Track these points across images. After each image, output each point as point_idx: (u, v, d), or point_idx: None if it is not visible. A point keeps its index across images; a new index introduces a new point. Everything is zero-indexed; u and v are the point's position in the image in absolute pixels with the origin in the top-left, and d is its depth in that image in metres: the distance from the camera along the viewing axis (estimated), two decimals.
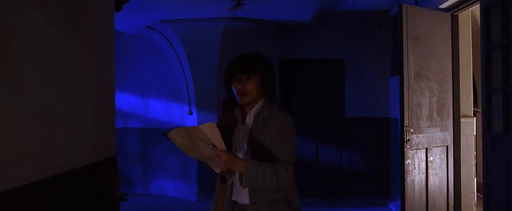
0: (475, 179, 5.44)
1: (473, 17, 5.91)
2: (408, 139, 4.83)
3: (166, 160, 7.95)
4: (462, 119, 5.37)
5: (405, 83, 4.81)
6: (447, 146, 5.29)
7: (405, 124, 4.82)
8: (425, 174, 5.04)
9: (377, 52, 7.55)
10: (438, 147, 5.18)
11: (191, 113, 7.40)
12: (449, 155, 5.31)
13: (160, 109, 8.02)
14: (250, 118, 2.53)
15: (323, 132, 7.68)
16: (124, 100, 8.20)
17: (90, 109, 2.09)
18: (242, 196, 2.47)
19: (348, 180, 7.59)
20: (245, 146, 2.49)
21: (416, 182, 4.94)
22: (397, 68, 5.76)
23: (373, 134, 7.45)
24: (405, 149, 4.81)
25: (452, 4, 5.22)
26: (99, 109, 2.21)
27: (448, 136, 5.31)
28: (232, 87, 2.53)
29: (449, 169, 5.30)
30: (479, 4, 4.39)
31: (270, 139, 2.44)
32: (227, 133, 2.56)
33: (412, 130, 4.86)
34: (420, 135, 4.95)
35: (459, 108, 5.36)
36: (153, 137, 8.02)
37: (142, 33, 7.48)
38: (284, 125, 2.47)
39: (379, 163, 7.41)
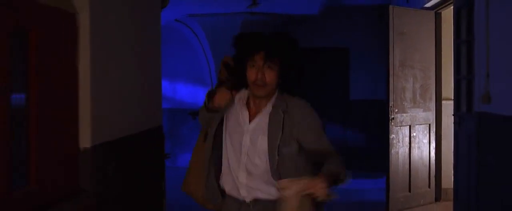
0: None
1: None
2: (393, 117, 5.81)
3: (192, 137, 9.06)
4: (443, 102, 6.32)
5: (391, 72, 5.78)
6: (429, 124, 6.26)
7: (390, 105, 5.80)
8: (408, 147, 6.03)
9: (378, 42, 8.49)
10: (421, 125, 6.16)
11: None
12: (431, 132, 6.28)
13: (185, 92, 9.13)
14: (266, 111, 2.24)
15: (330, 113, 8.70)
16: None
17: (148, 88, 3.17)
18: (265, 190, 2.22)
19: (352, 155, 8.59)
20: (263, 142, 2.21)
21: (400, 153, 5.93)
22: None
23: (373, 114, 8.42)
24: (390, 126, 5.80)
25: (436, 3, 6.13)
26: (152, 90, 3.29)
27: (431, 116, 6.27)
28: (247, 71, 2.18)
29: (431, 144, 6.27)
30: None
31: (299, 134, 2.20)
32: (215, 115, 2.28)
33: (396, 110, 5.85)
34: (404, 115, 5.93)
35: (441, 92, 6.30)
36: (180, 117, 9.15)
37: (171, 25, 8.55)
38: (311, 117, 2.27)
39: (379, 140, 8.40)
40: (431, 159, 6.26)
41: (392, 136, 5.85)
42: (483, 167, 4.45)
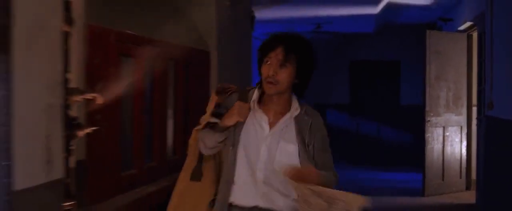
0: None
1: None
2: (429, 120, 7.26)
3: None
4: (474, 108, 7.66)
5: (427, 83, 7.23)
6: (461, 126, 7.63)
7: (426, 110, 7.25)
8: (442, 144, 7.43)
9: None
10: (453, 126, 7.54)
11: None
12: (462, 133, 7.64)
13: None
14: (289, 115, 2.22)
15: (383, 115, 10.18)
16: None
17: None
18: (274, 199, 2.18)
19: (401, 152, 10.00)
20: (284, 145, 2.19)
21: (434, 149, 7.35)
22: None
23: (420, 117, 9.79)
24: (426, 127, 7.25)
25: (468, 27, 7.50)
26: None
27: (462, 119, 7.63)
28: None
29: (462, 142, 7.63)
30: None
31: (313, 139, 2.23)
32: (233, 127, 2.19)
33: (431, 114, 7.28)
34: (438, 118, 7.35)
35: (472, 100, 7.65)
36: None
37: None
38: (323, 125, 2.30)
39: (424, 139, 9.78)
40: (462, 154, 7.62)
41: (428, 135, 7.29)
42: (489, 161, 5.86)
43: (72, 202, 2.00)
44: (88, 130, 2.10)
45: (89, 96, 2.07)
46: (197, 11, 4.21)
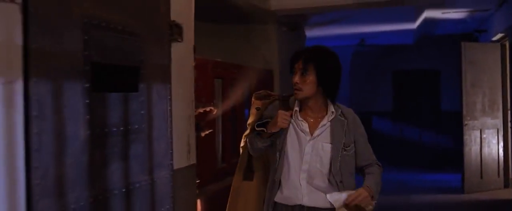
0: None
1: None
2: (466, 123, 7.97)
3: None
4: (509, 111, 8.31)
5: (464, 90, 7.94)
6: (497, 129, 8.28)
7: (464, 114, 7.96)
8: (479, 146, 8.11)
9: None
10: (490, 129, 8.21)
11: None
12: (499, 135, 8.30)
13: None
14: (326, 119, 2.44)
15: (424, 121, 10.88)
16: None
17: None
18: (317, 198, 2.41)
19: (443, 155, 10.65)
20: (330, 154, 2.41)
21: (472, 150, 8.04)
22: None
23: (459, 122, 10.43)
24: (464, 129, 7.96)
25: (501, 37, 8.18)
26: None
27: (499, 122, 8.29)
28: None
29: (499, 144, 8.28)
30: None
31: (352, 138, 2.47)
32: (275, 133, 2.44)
33: (468, 118, 7.99)
34: (475, 121, 8.05)
35: (507, 104, 8.29)
36: None
37: None
38: (359, 122, 2.54)
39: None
40: (499, 155, 8.27)
41: (466, 137, 8.00)
42: None
43: (198, 180, 2.96)
44: (207, 132, 3.05)
45: (207, 108, 3.02)
46: (263, 38, 5.17)
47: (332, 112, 2.46)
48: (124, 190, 2.16)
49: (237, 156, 4.42)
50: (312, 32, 7.72)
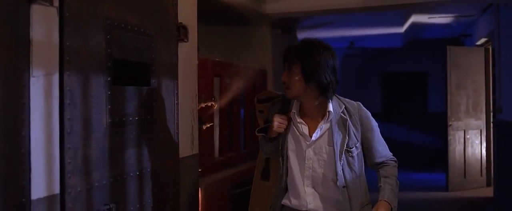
0: None
1: None
2: (450, 124, 8.30)
3: None
4: (491, 113, 8.65)
5: (448, 91, 8.28)
6: (480, 130, 8.63)
7: (448, 115, 8.30)
8: (463, 146, 8.45)
9: None
10: (473, 130, 8.55)
11: None
12: (482, 136, 8.64)
13: None
14: (326, 119, 2.28)
15: (412, 122, 11.24)
16: None
17: None
18: (325, 205, 2.31)
19: (431, 156, 11.00)
20: (333, 156, 2.26)
21: (456, 150, 8.38)
22: None
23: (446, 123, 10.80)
24: (449, 130, 8.29)
25: (484, 42, 8.54)
26: None
27: (482, 123, 8.63)
28: None
29: (482, 144, 8.63)
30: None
31: (358, 136, 2.31)
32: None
33: (453, 119, 8.33)
34: (459, 122, 8.39)
35: (490, 106, 8.64)
36: None
37: None
38: (367, 116, 2.36)
39: None
40: (482, 154, 8.62)
41: (450, 137, 8.33)
42: (501, 158, 6.88)
43: (200, 169, 3.23)
44: (208, 125, 3.32)
45: (209, 103, 3.30)
46: (257, 39, 5.46)
47: (330, 111, 2.28)
48: (138, 173, 2.43)
49: (233, 150, 4.75)
50: (303, 35, 8.01)
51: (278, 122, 2.30)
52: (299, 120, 2.32)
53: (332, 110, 2.28)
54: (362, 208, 2.31)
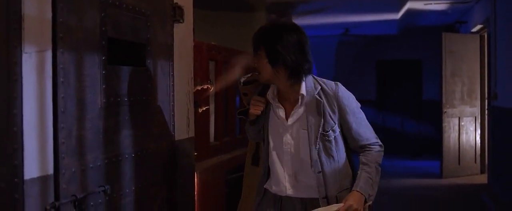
0: None
1: None
2: (445, 111, 8.30)
3: None
4: (486, 100, 8.65)
5: (443, 79, 8.27)
6: (475, 117, 8.63)
7: (443, 102, 8.29)
8: (458, 133, 8.46)
9: None
10: (468, 117, 8.55)
11: None
12: (476, 123, 8.65)
13: None
14: (299, 102, 2.23)
15: (406, 110, 11.23)
16: None
17: None
18: (304, 190, 2.27)
19: (425, 144, 11.01)
20: (308, 140, 2.22)
21: (451, 137, 8.39)
22: None
23: (440, 111, 10.80)
24: (443, 117, 8.29)
25: (479, 28, 8.51)
26: None
27: (476, 110, 8.63)
28: None
29: (476, 131, 8.64)
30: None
31: (336, 121, 2.22)
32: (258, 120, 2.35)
33: (448, 106, 8.32)
34: (454, 109, 8.38)
35: (484, 93, 8.64)
36: None
37: None
38: (345, 96, 2.25)
39: None
40: (476, 142, 8.63)
41: (444, 124, 8.34)
42: (496, 145, 6.89)
43: (196, 153, 3.19)
44: (203, 108, 3.28)
45: (204, 86, 3.25)
46: (253, 25, 5.40)
47: (302, 94, 2.22)
48: (133, 155, 2.39)
49: (228, 135, 4.70)
50: (298, 21, 7.95)
51: (253, 105, 2.29)
52: (276, 103, 2.30)
53: (304, 93, 2.23)
54: (340, 193, 2.25)
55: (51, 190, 1.84)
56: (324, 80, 2.31)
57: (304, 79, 2.24)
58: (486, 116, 8.59)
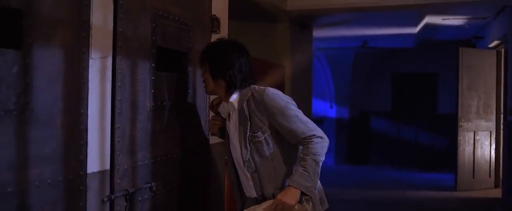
0: None
1: None
2: (461, 125, 8.40)
3: None
4: (502, 115, 8.74)
5: (459, 93, 8.38)
6: (490, 131, 8.72)
7: (459, 116, 8.40)
8: (472, 147, 8.55)
9: None
10: (483, 131, 8.65)
11: (331, 107, 11.49)
12: (492, 137, 8.73)
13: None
14: (232, 112, 2.45)
15: (421, 122, 11.34)
16: None
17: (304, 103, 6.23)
18: (249, 190, 2.47)
19: (439, 157, 11.10)
20: (239, 143, 2.41)
21: (466, 150, 8.48)
22: None
23: (455, 124, 10.88)
24: (459, 130, 8.39)
25: (497, 44, 8.62)
26: (307, 102, 6.33)
27: (492, 125, 8.73)
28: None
29: (491, 146, 8.72)
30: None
31: (265, 123, 2.36)
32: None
33: (463, 120, 8.42)
34: (470, 123, 8.49)
35: (500, 108, 8.73)
36: None
37: None
38: (271, 98, 2.35)
39: None
40: (491, 156, 8.71)
41: (460, 138, 8.44)
42: (510, 160, 6.98)
43: (226, 157, 3.36)
44: None
45: None
46: (277, 36, 5.60)
47: (230, 102, 2.44)
48: (174, 155, 2.56)
49: None
50: (319, 33, 8.14)
51: (211, 123, 2.62)
52: (225, 116, 2.54)
53: (235, 103, 2.43)
54: (277, 191, 2.36)
55: (107, 184, 2.02)
56: (258, 87, 2.44)
57: (239, 90, 2.44)
58: (502, 131, 8.69)
